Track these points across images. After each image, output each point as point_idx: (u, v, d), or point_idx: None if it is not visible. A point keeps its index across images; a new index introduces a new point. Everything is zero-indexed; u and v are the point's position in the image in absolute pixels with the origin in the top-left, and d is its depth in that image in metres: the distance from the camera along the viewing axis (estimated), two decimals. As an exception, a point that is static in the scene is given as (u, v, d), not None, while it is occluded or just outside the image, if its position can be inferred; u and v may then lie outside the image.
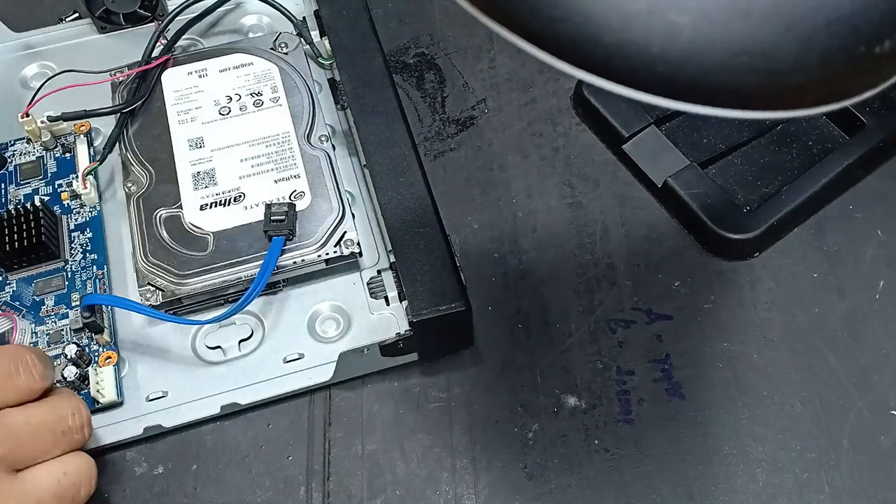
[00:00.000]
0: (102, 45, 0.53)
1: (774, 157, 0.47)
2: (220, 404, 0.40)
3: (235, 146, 0.46)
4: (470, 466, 0.40)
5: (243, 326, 0.42)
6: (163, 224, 0.43)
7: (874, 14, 0.19)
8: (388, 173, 0.43)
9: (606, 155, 0.49)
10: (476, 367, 0.42)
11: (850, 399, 0.41)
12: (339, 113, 0.50)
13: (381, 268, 0.44)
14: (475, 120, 0.51)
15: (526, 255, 0.46)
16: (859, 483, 0.38)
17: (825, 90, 0.20)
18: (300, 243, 0.42)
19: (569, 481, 0.39)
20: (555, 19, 0.20)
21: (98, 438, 0.39)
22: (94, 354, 0.41)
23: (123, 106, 0.47)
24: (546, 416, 0.41)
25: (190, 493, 0.39)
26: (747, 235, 0.44)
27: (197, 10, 0.53)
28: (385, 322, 0.42)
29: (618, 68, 0.20)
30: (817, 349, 0.42)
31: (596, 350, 0.42)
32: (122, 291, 0.43)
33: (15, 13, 0.55)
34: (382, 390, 0.42)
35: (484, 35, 0.54)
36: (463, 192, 0.48)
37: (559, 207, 0.47)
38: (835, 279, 0.44)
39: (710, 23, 0.19)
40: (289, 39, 0.50)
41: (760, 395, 0.41)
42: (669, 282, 0.44)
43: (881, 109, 0.47)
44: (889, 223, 0.46)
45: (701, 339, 0.43)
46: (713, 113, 0.20)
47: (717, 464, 0.39)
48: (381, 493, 0.39)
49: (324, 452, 0.40)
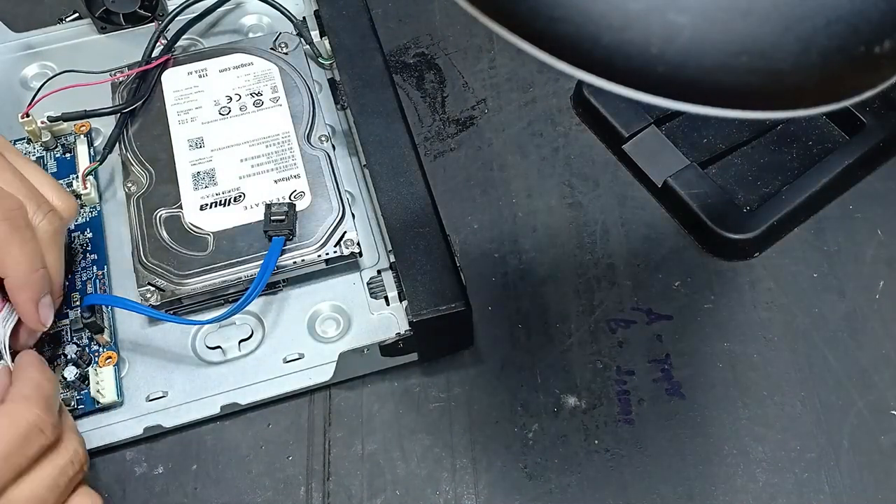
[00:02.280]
0: (102, 46, 0.53)
1: (774, 157, 0.47)
2: (220, 404, 0.40)
3: (235, 146, 0.46)
4: (470, 466, 0.40)
5: (243, 326, 0.42)
6: (163, 224, 0.43)
7: (874, 14, 0.19)
8: (388, 173, 0.43)
9: (606, 155, 0.49)
10: (476, 367, 0.42)
11: (850, 399, 0.41)
12: (339, 113, 0.50)
13: (381, 268, 0.44)
14: (475, 120, 0.51)
15: (526, 255, 0.46)
16: (859, 483, 0.38)
17: (825, 90, 0.20)
18: (300, 243, 0.42)
19: (569, 481, 0.39)
20: (555, 19, 0.20)
21: (98, 438, 0.39)
22: (94, 354, 0.41)
23: (123, 106, 0.47)
24: (546, 416, 0.41)
25: (190, 493, 0.39)
26: (747, 235, 0.44)
27: (197, 10, 0.53)
28: (385, 322, 0.42)
29: (618, 68, 0.20)
30: (817, 349, 0.42)
31: (596, 350, 0.42)
32: (122, 291, 0.43)
33: (15, 13, 0.55)
34: (382, 390, 0.42)
35: (484, 35, 0.54)
36: (463, 192, 0.48)
37: (559, 207, 0.47)
38: (835, 279, 0.44)
39: (710, 23, 0.19)
40: (289, 39, 0.50)
41: (760, 395, 0.41)
42: (669, 282, 0.44)
43: (881, 109, 0.47)
44: (889, 223, 0.46)
45: (701, 339, 0.43)
46: (713, 113, 0.20)
47: (717, 464, 0.39)
48: (381, 493, 0.39)
49: (324, 452, 0.40)
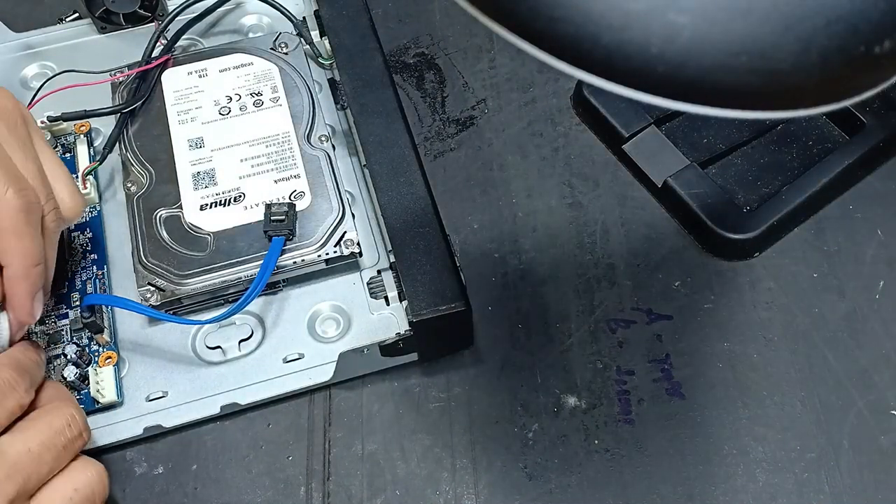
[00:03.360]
0: (102, 45, 0.53)
1: (774, 157, 0.47)
2: (220, 404, 0.40)
3: (235, 146, 0.46)
4: (470, 466, 0.40)
5: (243, 326, 0.42)
6: (163, 224, 0.43)
7: (874, 14, 0.19)
8: (388, 173, 0.43)
9: (606, 155, 0.49)
10: (476, 367, 0.42)
11: (850, 399, 0.41)
12: (339, 113, 0.50)
13: (381, 268, 0.44)
14: (475, 120, 0.51)
15: (526, 255, 0.46)
16: (859, 483, 0.38)
17: (825, 90, 0.20)
18: (300, 243, 0.42)
19: (569, 481, 0.39)
20: (555, 19, 0.20)
21: (98, 438, 0.39)
22: (94, 354, 0.41)
23: (123, 106, 0.47)
24: (546, 416, 0.41)
25: (190, 493, 0.39)
26: (747, 235, 0.44)
27: (197, 10, 0.53)
28: (385, 322, 0.42)
29: (618, 68, 0.20)
30: (817, 349, 0.42)
31: (596, 350, 0.42)
32: (123, 291, 0.43)
33: (15, 13, 0.55)
34: (382, 390, 0.42)
35: (484, 35, 0.54)
36: (463, 192, 0.48)
37: (559, 207, 0.47)
38: (835, 279, 0.44)
39: (710, 23, 0.19)
40: (289, 39, 0.50)
41: (760, 395, 0.41)
42: (669, 282, 0.44)
43: (881, 109, 0.47)
44: (889, 223, 0.46)
45: (701, 339, 0.43)
46: (713, 113, 0.20)
47: (717, 464, 0.39)
48: (381, 493, 0.39)
49: (324, 452, 0.40)
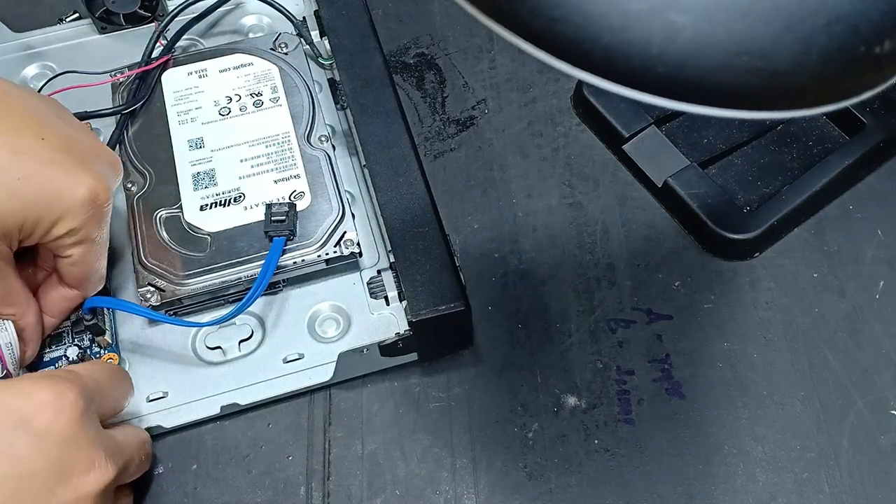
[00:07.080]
0: (102, 46, 0.53)
1: (774, 157, 0.47)
2: (220, 404, 0.40)
3: (235, 146, 0.46)
4: (470, 466, 0.40)
5: (243, 327, 0.42)
6: (163, 224, 0.43)
7: (874, 14, 0.19)
8: (388, 173, 0.43)
9: (606, 155, 0.49)
10: (476, 367, 0.42)
11: (850, 399, 0.41)
12: (339, 113, 0.50)
13: (381, 268, 0.44)
14: (475, 120, 0.51)
15: (526, 255, 0.46)
16: (859, 483, 0.38)
17: (825, 90, 0.20)
18: (300, 243, 0.42)
19: (569, 481, 0.39)
20: (555, 19, 0.20)
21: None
22: (95, 356, 0.41)
23: (124, 107, 0.47)
24: (546, 415, 0.41)
25: (190, 493, 0.39)
26: (747, 235, 0.44)
27: (197, 10, 0.53)
28: (385, 322, 0.42)
29: (618, 68, 0.20)
30: (817, 349, 0.42)
31: (596, 350, 0.42)
32: (123, 292, 0.43)
33: (15, 13, 0.55)
34: (382, 390, 0.42)
35: (484, 35, 0.54)
36: (463, 192, 0.48)
37: (559, 207, 0.47)
38: (835, 279, 0.44)
39: (710, 23, 0.19)
40: (289, 39, 0.50)
41: (760, 395, 0.41)
42: (669, 282, 0.44)
43: (881, 109, 0.47)
44: (889, 223, 0.46)
45: (701, 339, 0.43)
46: (713, 113, 0.20)
47: (717, 464, 0.39)
48: (381, 493, 0.39)
49: (324, 452, 0.40)
